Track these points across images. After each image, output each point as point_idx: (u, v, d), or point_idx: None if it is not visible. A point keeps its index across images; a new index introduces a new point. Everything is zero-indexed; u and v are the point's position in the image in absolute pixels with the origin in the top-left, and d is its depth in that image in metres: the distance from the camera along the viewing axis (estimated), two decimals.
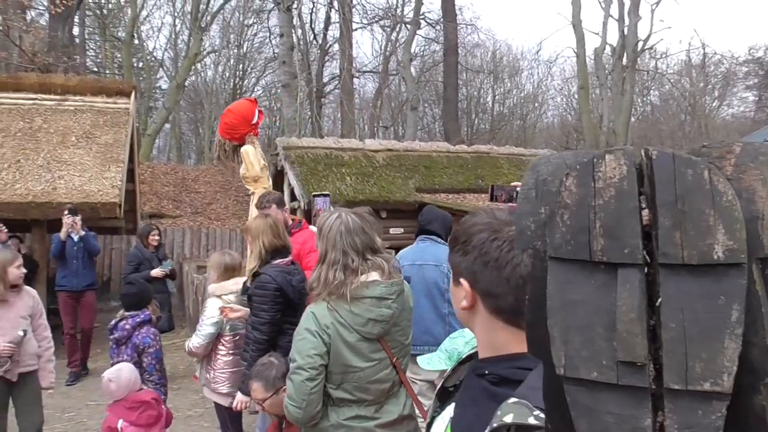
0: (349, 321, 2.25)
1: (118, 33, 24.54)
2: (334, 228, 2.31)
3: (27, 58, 13.82)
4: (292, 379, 2.22)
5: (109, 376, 3.23)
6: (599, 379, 0.51)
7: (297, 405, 2.21)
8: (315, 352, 2.20)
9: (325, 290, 2.26)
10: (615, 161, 0.53)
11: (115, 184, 8.12)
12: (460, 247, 1.15)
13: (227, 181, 16.42)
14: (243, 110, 5.13)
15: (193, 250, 12.94)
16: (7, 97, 9.31)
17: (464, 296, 1.14)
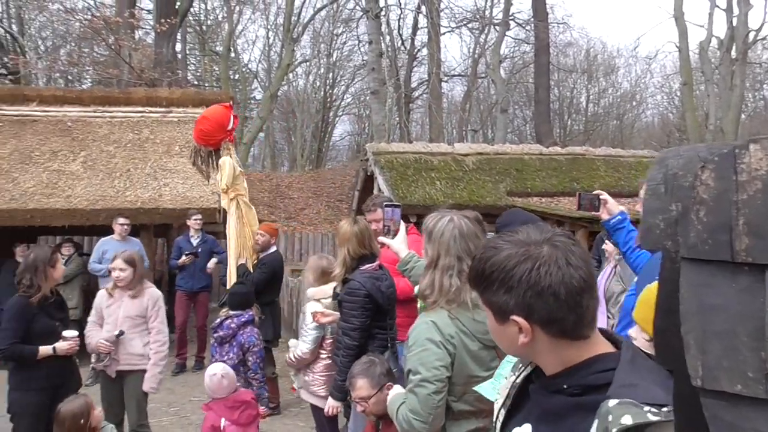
0: (471, 329, 2.17)
1: (215, 47, 25.82)
2: (447, 232, 2.23)
3: (135, 75, 14.80)
4: (416, 392, 2.10)
5: (221, 373, 3.37)
6: (744, 393, 0.46)
7: (423, 420, 2.09)
8: (440, 364, 2.10)
9: (443, 298, 2.18)
10: (762, 151, 0.47)
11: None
12: (500, 285, 1.12)
13: (319, 187, 16.84)
14: (218, 117, 5.09)
15: (287, 254, 13.33)
16: (118, 110, 10.03)
17: (519, 332, 1.12)
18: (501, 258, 1.13)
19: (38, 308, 3.79)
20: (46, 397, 3.76)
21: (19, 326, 3.72)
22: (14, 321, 3.73)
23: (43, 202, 7.92)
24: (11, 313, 3.77)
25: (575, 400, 1.09)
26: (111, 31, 15.15)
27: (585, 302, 1.10)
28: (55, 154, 8.81)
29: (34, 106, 9.81)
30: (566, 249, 1.11)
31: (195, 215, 7.82)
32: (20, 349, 3.71)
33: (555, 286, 1.08)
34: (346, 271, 3.35)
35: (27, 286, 3.78)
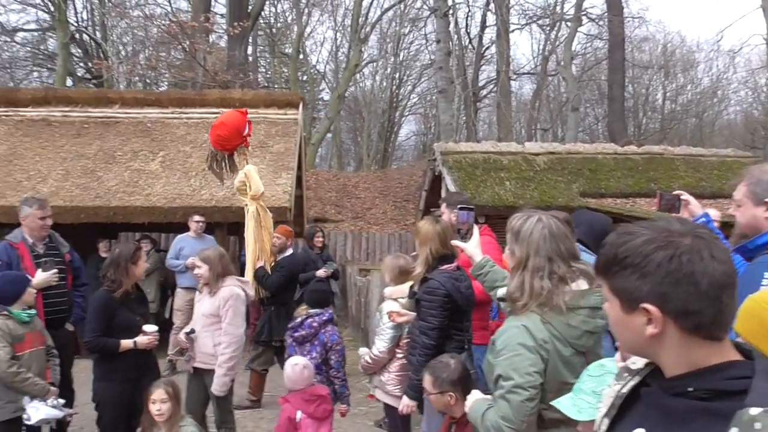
0: (564, 334, 2.09)
1: (285, 49, 26.34)
2: (537, 232, 2.15)
3: (209, 77, 15.28)
4: (508, 398, 2.03)
5: (303, 363, 3.40)
6: None
7: (515, 427, 2.02)
8: (534, 370, 2.03)
9: (534, 301, 2.10)
10: None
11: (287, 190, 8.63)
12: (634, 270, 1.06)
13: (386, 186, 16.87)
14: (235, 122, 5.14)
15: (354, 253, 13.43)
16: (194, 111, 10.34)
17: (647, 323, 1.06)
18: (638, 242, 1.07)
19: (120, 303, 3.91)
20: (127, 388, 3.89)
21: (102, 320, 3.85)
22: (98, 315, 3.87)
23: (124, 200, 8.26)
24: (95, 306, 3.92)
25: (703, 404, 1.03)
26: (187, 36, 15.70)
27: (725, 299, 1.04)
28: (136, 154, 9.17)
29: (117, 108, 10.25)
30: (710, 242, 1.05)
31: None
32: (103, 342, 3.84)
33: (697, 275, 1.02)
34: (426, 270, 3.29)
35: (110, 281, 3.91)
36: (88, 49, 24.16)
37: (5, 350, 3.63)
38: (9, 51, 25.03)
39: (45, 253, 4.55)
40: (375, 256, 13.33)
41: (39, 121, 9.78)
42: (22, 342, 3.77)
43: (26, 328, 3.81)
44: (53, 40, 23.56)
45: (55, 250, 4.65)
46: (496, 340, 2.16)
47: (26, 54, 25.24)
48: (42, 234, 4.57)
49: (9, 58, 24.79)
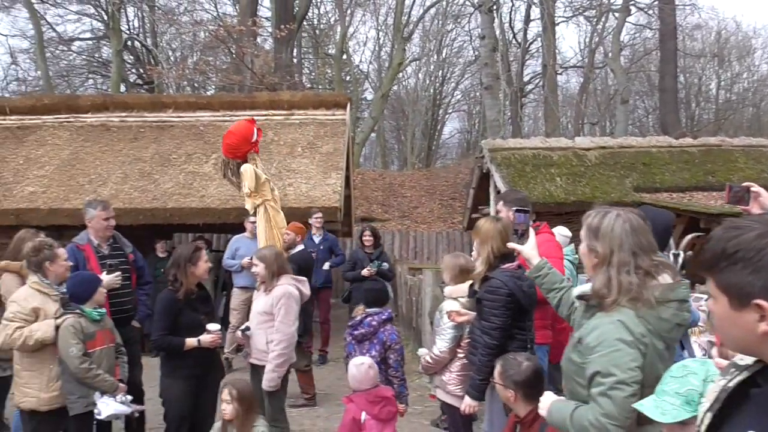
0: (657, 328, 2.08)
1: (328, 50, 26.55)
2: (618, 227, 2.13)
3: (257, 80, 15.54)
4: (611, 395, 1.99)
5: (368, 363, 3.42)
6: None
7: (621, 424, 1.98)
8: (635, 364, 2.01)
9: (624, 296, 2.07)
10: None
11: (336, 190, 8.70)
12: (746, 265, 1.02)
13: (432, 185, 16.82)
14: (242, 131, 5.35)
15: (402, 252, 13.44)
16: (244, 114, 10.50)
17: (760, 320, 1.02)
18: (750, 237, 1.04)
19: (184, 302, 4.02)
20: (192, 385, 4.00)
21: (167, 319, 3.99)
22: (163, 314, 4.01)
23: (180, 202, 8.48)
24: (160, 306, 4.06)
25: None
26: (233, 40, 16.02)
27: None
28: (190, 157, 9.41)
29: (171, 112, 10.54)
30: None
31: (316, 214, 8.03)
32: (169, 340, 3.97)
33: None
34: (487, 269, 3.26)
35: (173, 282, 4.04)
36: (140, 55, 24.91)
37: (77, 347, 3.78)
38: (66, 60, 26.03)
39: (109, 253, 4.68)
40: (423, 255, 13.32)
41: (98, 127, 10.14)
42: (94, 339, 3.91)
43: (97, 326, 3.95)
44: (107, 48, 24.37)
45: (119, 251, 4.78)
46: (583, 338, 2.13)
47: (82, 62, 26.18)
48: (106, 235, 4.71)
49: (66, 66, 25.78)
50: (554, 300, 2.66)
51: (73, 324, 3.82)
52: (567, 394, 2.29)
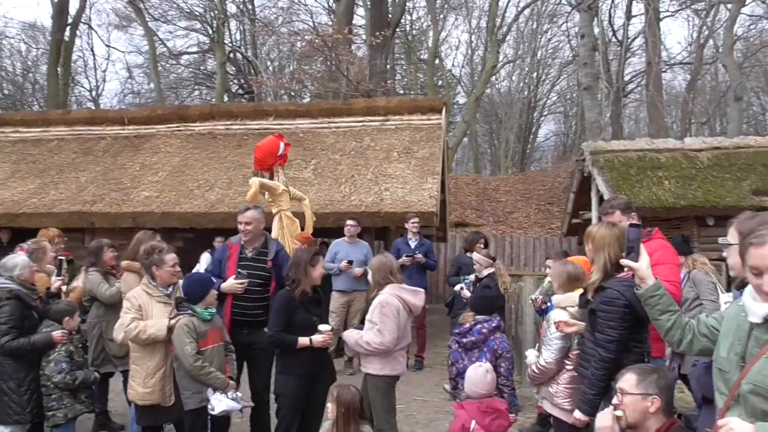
0: None
1: (421, 55, 26.61)
2: None
3: (353, 87, 15.80)
4: None
5: (487, 367, 3.36)
6: None
7: None
8: None
9: None
10: None
11: (432, 195, 8.66)
12: None
13: (527, 189, 16.41)
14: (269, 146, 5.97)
15: (498, 258, 13.16)
16: (342, 121, 10.74)
17: None
18: None
19: (299, 303, 4.16)
20: (303, 383, 4.11)
21: (283, 316, 4.14)
22: (279, 311, 4.17)
23: None
24: (277, 304, 4.22)
25: None
26: (329, 48, 16.39)
27: None
28: (290, 163, 9.63)
29: (272, 120, 10.93)
30: None
31: (413, 218, 8.00)
32: (283, 337, 4.13)
33: None
34: (604, 277, 3.09)
35: (291, 281, 4.18)
36: (241, 66, 26.09)
37: (191, 346, 3.95)
38: (175, 73, 27.73)
39: (251, 257, 4.76)
40: (519, 261, 13.01)
41: (205, 135, 10.69)
42: (205, 338, 4.08)
43: (208, 325, 4.12)
44: (212, 61, 25.75)
45: (263, 257, 4.79)
46: None
47: (189, 75, 27.80)
48: (245, 238, 4.77)
49: (175, 79, 27.46)
50: (667, 323, 2.53)
51: (187, 323, 4.00)
52: (748, 411, 2.11)
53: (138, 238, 5.28)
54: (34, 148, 10.96)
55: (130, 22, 26.37)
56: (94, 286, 5.27)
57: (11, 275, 4.46)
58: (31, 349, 4.28)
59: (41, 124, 11.78)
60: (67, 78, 23.27)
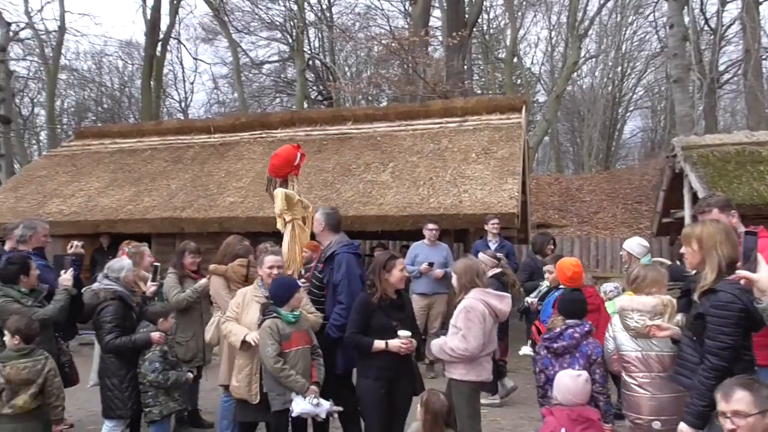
0: None
1: (498, 54, 26.19)
2: None
3: (429, 89, 15.74)
4: None
5: (586, 376, 3.25)
6: None
7: None
8: None
9: None
10: None
11: (513, 196, 8.45)
12: None
13: (613, 188, 15.76)
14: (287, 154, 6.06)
15: (583, 260, 12.70)
16: (419, 123, 10.71)
17: None
18: None
19: (377, 306, 4.15)
20: (382, 386, 4.08)
21: (360, 319, 4.15)
22: (356, 314, 4.19)
23: (360, 210, 8.82)
24: (355, 306, 4.25)
25: None
26: (406, 51, 16.41)
27: None
28: (368, 166, 9.76)
29: (350, 124, 11.06)
30: None
31: (492, 220, 7.85)
32: (358, 339, 4.13)
33: None
34: (716, 279, 2.86)
35: (370, 285, 4.20)
36: (320, 73, 26.65)
37: (273, 348, 4.03)
38: (257, 82, 28.70)
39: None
40: (605, 263, 12.49)
41: (287, 141, 10.91)
42: (289, 341, 4.14)
43: (293, 327, 4.18)
44: (292, 69, 26.46)
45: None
46: None
47: (270, 83, 28.69)
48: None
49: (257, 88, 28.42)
50: None
51: (270, 325, 4.08)
52: None
53: (227, 242, 5.47)
54: (129, 158, 11.62)
55: (216, 34, 27.55)
56: (167, 288, 5.52)
57: (117, 276, 4.78)
58: (132, 348, 4.52)
59: (136, 135, 12.50)
60: (159, 91, 24.61)
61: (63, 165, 11.91)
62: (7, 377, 3.93)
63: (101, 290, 4.68)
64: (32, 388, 4.01)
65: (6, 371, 3.94)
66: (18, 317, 4.16)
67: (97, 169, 11.50)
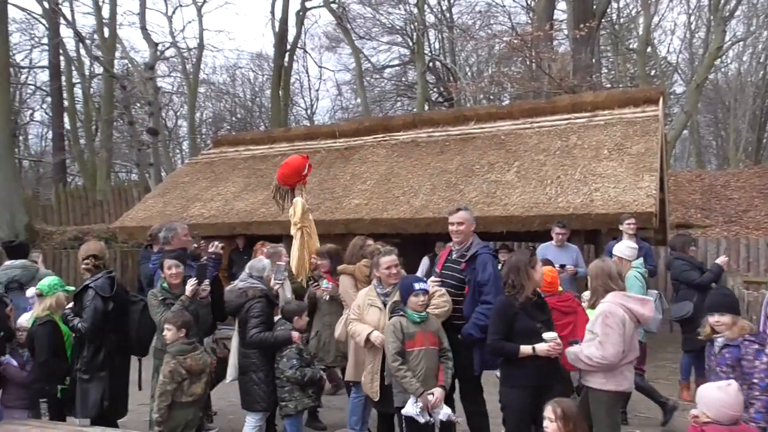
0: None
1: (630, 45, 24.67)
2: None
3: (555, 84, 15.15)
4: None
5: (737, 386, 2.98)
6: None
7: None
8: None
9: None
10: None
11: (650, 194, 7.88)
12: None
13: (765, 184, 14.25)
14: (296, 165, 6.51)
15: (731, 262, 11.59)
16: (545, 120, 10.31)
17: None
18: None
19: (520, 308, 3.94)
20: (529, 394, 3.87)
21: (501, 324, 3.95)
22: (497, 319, 3.99)
23: (484, 210, 8.63)
24: (494, 311, 4.06)
25: None
26: (530, 47, 15.91)
27: None
28: (492, 166, 9.54)
29: (473, 124, 10.88)
30: None
31: (629, 220, 7.38)
32: (501, 345, 3.94)
33: None
34: None
35: (511, 287, 4.00)
36: (440, 75, 26.63)
37: (393, 345, 4.07)
38: (378, 86, 29.26)
39: (453, 259, 4.69)
40: (758, 266, 11.30)
41: (409, 143, 11.00)
42: (412, 340, 4.12)
43: (418, 327, 4.14)
44: (412, 72, 26.67)
45: (462, 259, 4.62)
46: None
47: (391, 87, 29.13)
48: (455, 239, 4.68)
49: (379, 92, 28.97)
50: None
51: (394, 323, 4.13)
52: None
53: (353, 243, 5.60)
54: (261, 164, 12.25)
55: (339, 42, 28.44)
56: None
57: (261, 275, 5.05)
58: (273, 343, 4.73)
59: (267, 141, 13.15)
60: (286, 99, 25.82)
61: (203, 171, 12.80)
62: (189, 368, 4.33)
63: (249, 288, 4.94)
64: (204, 377, 4.44)
65: (187, 363, 4.33)
66: (180, 312, 4.53)
67: (232, 174, 12.23)
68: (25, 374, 4.71)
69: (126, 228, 11.93)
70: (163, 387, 4.28)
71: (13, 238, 9.53)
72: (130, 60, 23.24)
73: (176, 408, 4.30)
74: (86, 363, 4.55)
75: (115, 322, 4.66)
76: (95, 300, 4.53)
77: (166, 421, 4.28)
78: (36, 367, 4.61)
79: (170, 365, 4.30)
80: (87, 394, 4.54)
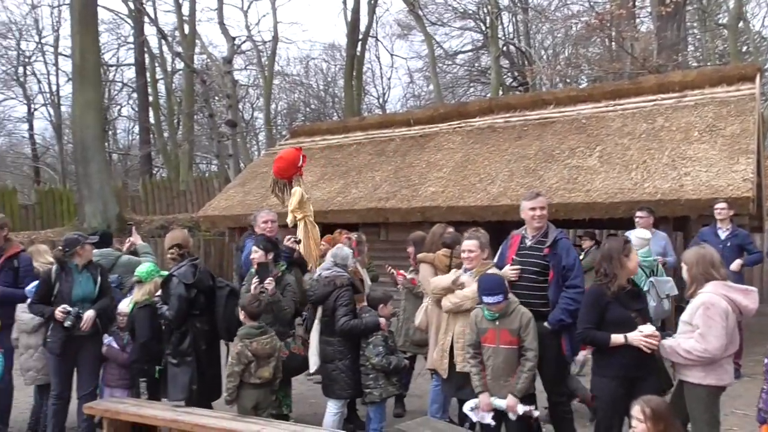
0: None
1: (719, 20, 23.19)
2: None
3: (638, 65, 14.48)
4: None
5: None
6: None
7: None
8: None
9: None
10: None
11: (747, 177, 7.42)
12: None
13: None
14: (291, 157, 6.75)
15: None
16: (629, 102, 9.88)
17: None
18: None
19: (613, 297, 3.82)
20: (620, 386, 3.76)
21: (592, 313, 3.86)
22: (588, 308, 3.90)
23: (565, 197, 8.39)
24: (586, 300, 3.98)
25: None
26: (610, 27, 15.27)
27: None
28: (573, 151, 9.24)
29: (551, 108, 10.56)
30: None
31: (720, 203, 7.00)
32: (593, 335, 3.84)
33: None
34: None
35: (603, 275, 3.88)
36: (515, 59, 26.01)
37: (469, 336, 4.20)
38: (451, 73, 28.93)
39: (530, 245, 4.56)
40: None
41: (485, 129, 10.82)
42: (484, 335, 4.13)
43: (490, 324, 4.10)
44: (485, 57, 26.20)
45: (541, 245, 4.52)
46: None
47: (464, 73, 28.74)
48: (533, 225, 4.57)
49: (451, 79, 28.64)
50: None
51: (476, 314, 4.22)
52: None
53: (432, 231, 5.60)
54: (337, 153, 12.40)
55: (410, 29, 28.29)
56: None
57: (345, 264, 5.13)
58: (363, 330, 4.79)
59: (342, 131, 13.28)
60: (359, 88, 25.99)
61: None
62: (254, 351, 4.46)
63: (336, 277, 4.97)
64: (272, 361, 4.55)
65: (253, 346, 4.46)
66: (244, 296, 4.69)
67: (309, 164, 12.36)
68: (126, 355, 4.99)
69: (209, 217, 12.40)
70: (231, 368, 4.47)
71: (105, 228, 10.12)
72: (209, 55, 24.06)
73: (245, 389, 4.47)
74: (174, 348, 4.74)
75: (202, 308, 4.82)
76: (178, 287, 4.70)
77: (235, 401, 4.49)
78: (137, 348, 4.87)
79: (237, 347, 4.47)
80: (176, 378, 4.73)
